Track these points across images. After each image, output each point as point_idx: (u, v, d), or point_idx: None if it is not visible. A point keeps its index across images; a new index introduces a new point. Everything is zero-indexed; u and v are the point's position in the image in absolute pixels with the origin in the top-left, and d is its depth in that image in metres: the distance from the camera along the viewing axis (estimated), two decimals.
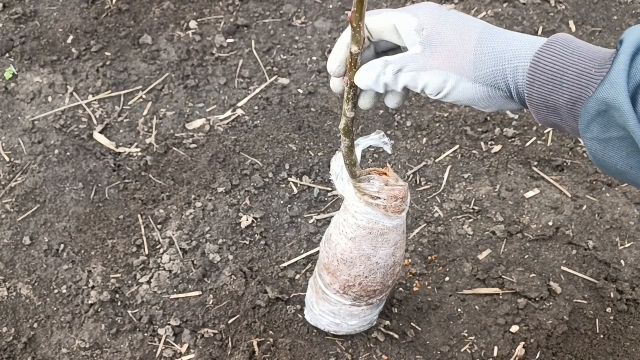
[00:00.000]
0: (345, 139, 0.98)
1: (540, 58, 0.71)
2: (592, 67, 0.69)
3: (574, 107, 0.70)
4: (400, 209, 1.09)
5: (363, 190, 1.08)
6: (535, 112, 0.75)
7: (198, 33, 2.00)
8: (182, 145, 1.75)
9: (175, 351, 1.41)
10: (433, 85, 0.77)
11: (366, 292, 1.21)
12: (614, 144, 0.69)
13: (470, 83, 0.76)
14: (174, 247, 1.56)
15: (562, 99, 0.71)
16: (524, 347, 1.39)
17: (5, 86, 1.89)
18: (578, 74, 0.69)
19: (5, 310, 1.48)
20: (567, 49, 0.71)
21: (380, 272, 1.17)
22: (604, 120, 0.68)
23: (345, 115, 0.92)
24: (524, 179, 1.67)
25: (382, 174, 1.10)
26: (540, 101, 0.73)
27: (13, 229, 1.60)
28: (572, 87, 0.70)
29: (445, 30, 0.77)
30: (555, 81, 0.71)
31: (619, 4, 2.08)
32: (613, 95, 0.66)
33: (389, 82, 0.80)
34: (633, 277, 1.50)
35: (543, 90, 0.72)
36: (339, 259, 1.16)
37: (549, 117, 0.74)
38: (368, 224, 1.10)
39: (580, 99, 0.69)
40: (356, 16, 0.77)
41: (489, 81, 0.75)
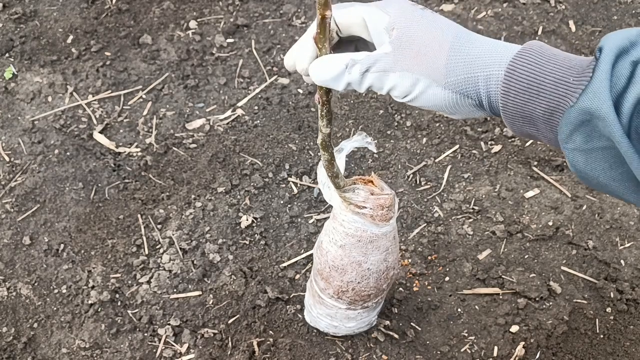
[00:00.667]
0: (325, 153, 0.98)
1: (515, 67, 0.69)
2: (570, 76, 0.66)
3: (551, 117, 0.68)
4: (388, 217, 1.08)
5: (349, 200, 1.07)
6: (510, 123, 0.72)
7: (198, 33, 2.00)
8: (182, 145, 1.75)
9: (175, 351, 1.41)
10: (401, 88, 0.74)
11: (360, 297, 1.21)
12: (597, 154, 0.67)
13: (440, 89, 0.73)
14: (174, 247, 1.56)
15: (539, 109, 0.68)
16: (524, 347, 1.39)
17: (5, 86, 1.89)
18: (555, 82, 0.67)
19: (5, 310, 1.48)
20: (543, 57, 0.68)
21: (373, 277, 1.16)
22: (587, 130, 0.65)
23: (322, 132, 0.93)
24: (524, 179, 1.67)
25: (368, 182, 1.09)
26: (515, 111, 0.70)
27: (13, 229, 1.60)
28: (549, 97, 0.67)
29: (416, 32, 0.73)
30: (532, 90, 0.68)
31: (619, 4, 2.08)
32: (597, 104, 0.63)
33: (354, 81, 0.76)
34: (633, 277, 1.50)
35: (519, 100, 0.69)
36: (330, 266, 1.16)
37: (524, 128, 0.71)
38: (356, 232, 1.09)
39: (558, 108, 0.67)
40: (320, 37, 0.76)
41: (459, 89, 0.72)
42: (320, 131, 0.93)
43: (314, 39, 0.78)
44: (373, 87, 0.76)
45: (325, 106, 0.87)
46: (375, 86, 0.75)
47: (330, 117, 0.89)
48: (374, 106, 1.82)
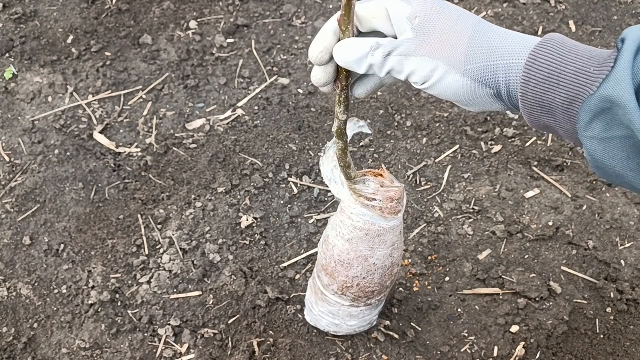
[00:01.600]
0: (339, 142, 0.98)
1: (536, 56, 0.70)
2: (591, 66, 0.67)
3: (570, 106, 0.69)
4: (397, 210, 1.09)
5: (358, 192, 1.07)
6: (528, 113, 0.73)
7: (198, 33, 2.00)
8: (182, 145, 1.75)
9: (175, 351, 1.41)
10: (420, 72, 0.75)
11: (364, 293, 1.21)
12: (615, 143, 0.68)
13: (459, 76, 0.74)
14: (174, 247, 1.56)
15: (558, 98, 0.69)
16: (524, 347, 1.39)
17: (5, 86, 1.89)
18: (576, 72, 0.68)
19: (5, 310, 1.48)
20: (564, 47, 0.69)
21: (378, 272, 1.17)
22: (607, 118, 0.66)
23: (338, 118, 0.92)
24: (524, 179, 1.67)
25: (377, 175, 1.10)
26: (534, 101, 0.71)
27: (13, 229, 1.60)
28: (569, 86, 0.68)
29: (438, 20, 0.75)
30: (552, 79, 0.69)
31: (619, 4, 2.08)
32: (618, 92, 0.64)
33: (376, 64, 0.77)
34: (633, 277, 1.50)
35: (538, 89, 0.70)
36: (336, 260, 1.16)
37: (542, 118, 0.72)
38: (364, 225, 1.10)
39: (577, 98, 0.68)
40: (345, 20, 0.77)
41: (478, 76, 0.73)
42: (337, 118, 0.92)
43: (337, 21, 0.78)
44: (393, 71, 0.77)
45: (343, 91, 0.86)
46: (395, 69, 0.77)
47: (347, 104, 0.89)
48: (374, 106, 1.82)
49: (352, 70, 0.80)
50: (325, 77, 0.84)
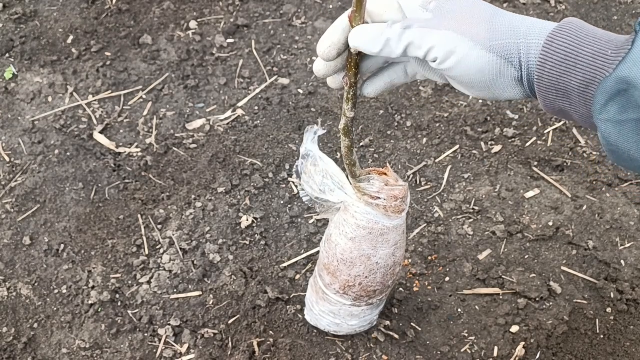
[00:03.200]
0: (345, 139, 0.98)
1: (553, 38, 0.69)
2: (608, 49, 0.66)
3: (586, 89, 0.68)
4: (400, 208, 1.09)
5: (363, 190, 1.07)
6: (543, 97, 0.71)
7: (198, 33, 2.00)
8: (182, 145, 1.75)
9: (175, 351, 1.41)
10: (442, 48, 0.71)
11: (366, 292, 1.21)
12: (630, 126, 0.66)
13: (484, 52, 0.71)
14: (174, 247, 1.56)
15: (574, 81, 0.68)
16: (524, 347, 1.39)
17: (5, 86, 1.89)
18: (593, 55, 0.67)
19: (5, 310, 1.48)
20: (581, 30, 0.68)
21: (380, 272, 1.17)
22: (623, 100, 0.65)
23: (345, 115, 0.92)
24: (524, 179, 1.67)
25: (382, 173, 1.10)
26: (550, 83, 0.70)
27: (13, 229, 1.60)
28: (586, 69, 0.67)
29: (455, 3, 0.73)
30: (569, 62, 0.68)
31: (619, 4, 2.08)
32: (635, 73, 0.63)
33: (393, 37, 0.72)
34: (633, 277, 1.50)
35: (555, 72, 0.69)
36: (338, 259, 1.16)
37: (557, 102, 0.71)
38: (368, 224, 1.10)
39: (593, 80, 0.67)
40: (356, 16, 0.76)
41: (504, 53, 0.71)
42: (344, 115, 0.91)
43: (348, 18, 0.77)
44: (411, 45, 0.73)
45: (352, 88, 0.85)
46: (414, 43, 0.72)
47: (355, 101, 0.88)
48: (374, 106, 1.82)
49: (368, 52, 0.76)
50: (325, 69, 0.81)
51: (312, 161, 1.07)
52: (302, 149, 1.08)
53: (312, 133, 1.07)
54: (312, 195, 1.10)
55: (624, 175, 1.67)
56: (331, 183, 1.08)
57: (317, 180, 1.08)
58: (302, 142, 1.07)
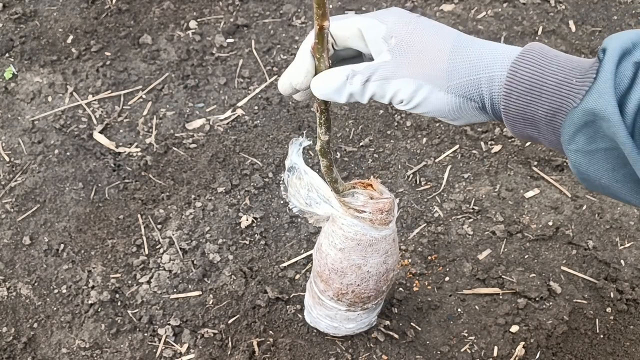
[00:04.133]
0: (324, 159, 0.98)
1: (517, 68, 0.68)
2: (573, 77, 0.66)
3: (553, 118, 0.67)
4: (387, 220, 1.08)
5: (348, 205, 1.07)
6: (511, 125, 0.71)
7: (198, 33, 2.00)
8: (182, 145, 1.75)
9: (175, 351, 1.41)
10: (403, 95, 0.73)
11: (360, 299, 1.21)
12: (599, 156, 0.66)
13: (442, 93, 0.72)
14: (174, 247, 1.56)
15: (541, 111, 0.68)
16: (524, 347, 1.39)
17: (5, 86, 1.89)
18: (558, 84, 0.66)
19: (5, 310, 1.48)
20: (545, 58, 0.68)
21: (372, 280, 1.16)
22: (591, 131, 0.65)
23: (320, 139, 0.93)
24: (524, 179, 1.67)
25: (367, 186, 1.09)
26: (517, 113, 0.69)
27: (13, 229, 1.60)
28: (552, 98, 0.67)
29: (415, 38, 0.73)
30: (534, 92, 0.67)
31: (619, 4, 2.08)
32: (601, 105, 0.63)
33: (356, 92, 0.75)
34: (633, 277, 1.50)
35: (521, 102, 0.68)
36: (330, 269, 1.15)
37: (526, 130, 0.71)
38: (356, 236, 1.09)
39: (560, 110, 0.66)
40: (318, 48, 0.76)
41: (462, 92, 0.72)
42: (319, 138, 0.92)
43: (311, 49, 0.77)
44: (375, 96, 0.75)
45: (323, 114, 0.87)
46: (377, 95, 0.75)
47: (329, 125, 0.89)
48: (373, 106, 1.82)
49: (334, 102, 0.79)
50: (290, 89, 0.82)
51: (297, 175, 1.07)
52: (288, 162, 1.07)
53: (297, 145, 1.07)
54: (300, 208, 1.10)
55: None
56: (317, 197, 1.07)
57: (303, 194, 1.07)
58: (288, 155, 1.07)
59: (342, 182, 1.06)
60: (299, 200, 1.08)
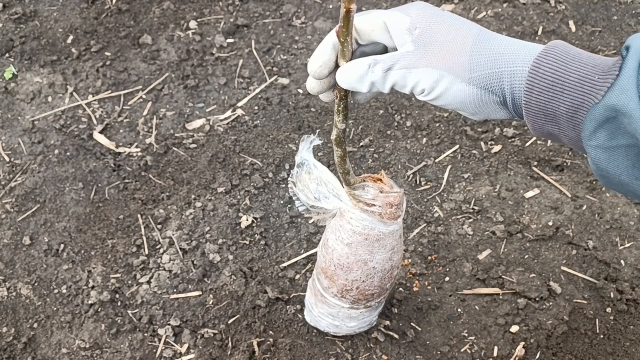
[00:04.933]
0: (338, 149, 0.98)
1: (540, 64, 0.69)
2: (595, 74, 0.66)
3: (574, 115, 0.68)
4: (396, 215, 1.09)
5: (358, 198, 1.07)
6: (532, 121, 0.72)
7: (198, 33, 2.00)
8: (182, 145, 1.75)
9: (175, 351, 1.41)
10: (424, 84, 0.74)
11: (364, 296, 1.21)
12: (620, 152, 0.67)
13: (464, 85, 0.73)
14: (174, 247, 1.56)
15: (562, 107, 0.68)
16: (524, 347, 1.39)
17: (5, 86, 1.89)
18: (580, 80, 0.67)
19: (5, 310, 1.48)
20: (567, 55, 0.69)
21: (377, 276, 1.17)
22: (612, 127, 0.66)
23: (337, 127, 0.93)
24: (524, 179, 1.67)
25: (377, 180, 1.09)
26: (538, 109, 0.70)
27: (13, 229, 1.60)
28: (573, 94, 0.67)
29: (439, 30, 0.74)
30: (556, 88, 0.68)
31: (619, 4, 2.08)
32: (623, 101, 0.63)
33: (377, 80, 0.76)
34: (633, 277, 1.50)
35: (542, 97, 0.69)
36: (335, 264, 1.16)
37: (546, 127, 0.71)
38: (364, 230, 1.09)
39: (582, 106, 0.67)
40: (343, 31, 0.76)
41: (484, 84, 0.72)
42: (336, 126, 0.92)
43: (336, 33, 0.78)
44: (396, 85, 0.76)
45: (342, 101, 0.87)
46: (398, 84, 0.75)
47: (346, 113, 0.89)
48: (374, 106, 1.82)
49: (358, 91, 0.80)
50: (319, 86, 0.83)
51: (306, 169, 1.07)
52: (298, 158, 1.08)
53: (308, 142, 1.07)
54: (308, 204, 1.10)
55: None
56: (326, 190, 1.08)
57: (312, 188, 1.08)
58: (298, 152, 1.07)
59: (353, 174, 1.06)
60: (307, 195, 1.09)
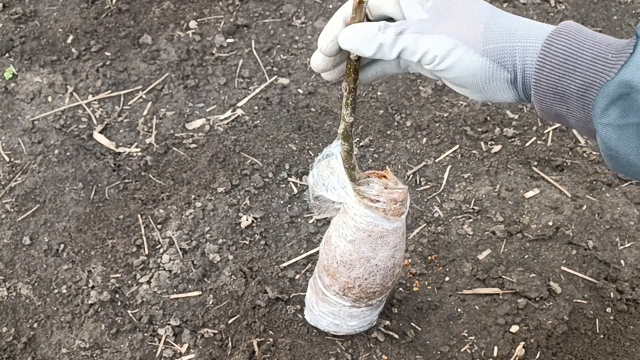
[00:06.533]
0: (345, 144, 0.98)
1: (552, 41, 0.68)
2: (609, 52, 0.66)
3: (585, 93, 0.67)
4: (400, 212, 1.09)
5: (362, 194, 1.07)
6: (540, 101, 0.71)
7: (198, 33, 2.00)
8: (182, 145, 1.75)
9: (175, 351, 1.41)
10: (437, 51, 0.71)
11: (366, 294, 1.21)
12: (631, 131, 0.66)
13: (478, 56, 0.71)
14: (174, 247, 1.56)
15: (573, 85, 0.67)
16: (524, 347, 1.39)
17: (5, 86, 1.89)
18: (593, 58, 0.66)
19: (5, 310, 1.48)
20: (580, 34, 0.68)
21: (380, 274, 1.17)
22: (625, 104, 0.65)
23: (345, 120, 0.92)
24: (524, 179, 1.67)
25: (381, 176, 1.10)
26: (548, 87, 0.69)
27: (13, 229, 1.60)
28: (586, 72, 0.66)
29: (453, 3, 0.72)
30: (568, 65, 0.67)
31: (619, 4, 2.08)
32: (638, 77, 0.63)
33: (386, 43, 0.72)
34: (633, 277, 1.50)
35: (553, 75, 0.68)
36: (338, 261, 1.16)
37: (554, 106, 0.70)
38: (367, 227, 1.10)
39: (593, 84, 0.66)
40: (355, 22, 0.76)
41: (497, 57, 0.70)
42: (343, 120, 0.92)
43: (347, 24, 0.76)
44: (405, 52, 0.73)
45: (351, 94, 0.86)
46: (408, 49, 0.72)
47: (354, 106, 0.89)
48: (374, 106, 1.82)
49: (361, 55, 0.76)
50: (324, 64, 0.80)
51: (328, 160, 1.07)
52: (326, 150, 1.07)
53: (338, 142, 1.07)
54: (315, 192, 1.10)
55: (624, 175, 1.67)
56: (336, 181, 1.08)
57: (324, 175, 1.08)
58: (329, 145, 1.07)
59: (359, 170, 1.06)
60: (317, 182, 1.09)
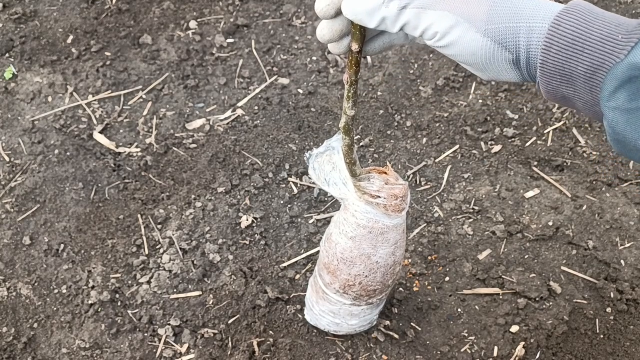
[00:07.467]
0: (346, 138, 0.98)
1: (560, 21, 0.66)
2: (619, 33, 0.64)
3: (593, 75, 0.65)
4: (401, 207, 1.09)
5: (363, 189, 1.07)
6: (546, 83, 0.69)
7: (198, 33, 2.00)
8: (182, 145, 1.75)
9: (175, 351, 1.41)
10: (438, 27, 0.70)
11: (366, 292, 1.21)
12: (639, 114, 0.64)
13: (479, 35, 0.70)
14: (174, 247, 1.56)
15: (581, 67, 0.66)
16: (524, 347, 1.39)
17: (5, 86, 1.89)
18: (602, 39, 0.64)
19: (5, 310, 1.48)
20: (590, 13, 0.66)
21: (380, 271, 1.17)
22: (633, 87, 0.63)
23: (346, 114, 0.92)
24: (524, 179, 1.67)
25: (382, 172, 1.10)
26: (554, 68, 0.67)
27: (13, 229, 1.60)
28: (594, 54, 0.64)
29: None
30: (576, 46, 0.65)
31: (619, 4, 2.08)
32: None
33: (390, 16, 0.72)
34: (633, 277, 1.50)
35: (560, 56, 0.66)
36: (339, 259, 1.16)
37: (560, 89, 0.69)
38: (368, 223, 1.10)
39: (602, 66, 0.64)
40: None
41: (499, 38, 0.69)
42: (345, 113, 0.91)
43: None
44: (408, 26, 0.73)
45: (352, 86, 0.86)
46: (410, 24, 0.72)
47: (356, 99, 0.88)
48: (374, 106, 1.82)
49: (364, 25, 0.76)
50: (330, 33, 0.80)
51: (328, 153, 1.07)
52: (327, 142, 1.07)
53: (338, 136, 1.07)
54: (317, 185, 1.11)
55: (624, 175, 1.67)
56: (337, 177, 1.08)
57: (325, 170, 1.08)
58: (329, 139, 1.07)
59: (359, 165, 1.06)
60: (318, 176, 1.09)
